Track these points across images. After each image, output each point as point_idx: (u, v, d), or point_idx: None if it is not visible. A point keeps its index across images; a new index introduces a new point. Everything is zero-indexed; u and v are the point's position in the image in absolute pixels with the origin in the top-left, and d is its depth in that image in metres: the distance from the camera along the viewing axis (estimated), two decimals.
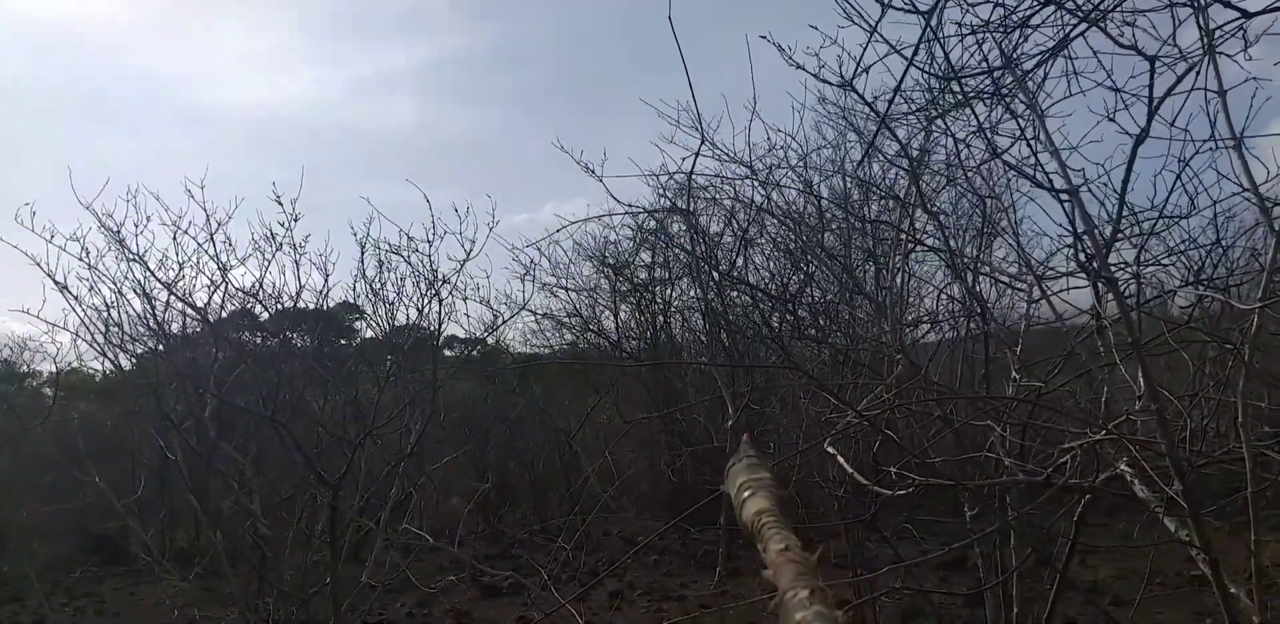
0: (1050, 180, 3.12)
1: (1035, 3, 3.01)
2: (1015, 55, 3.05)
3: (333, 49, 43.26)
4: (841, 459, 3.56)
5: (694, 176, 7.13)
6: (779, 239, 8.21)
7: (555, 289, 12.28)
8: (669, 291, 12.07)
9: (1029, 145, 3.13)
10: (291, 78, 43.85)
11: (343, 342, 13.58)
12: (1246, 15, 2.49)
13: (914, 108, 4.35)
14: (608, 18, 40.91)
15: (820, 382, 3.69)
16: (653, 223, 10.34)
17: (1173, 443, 2.52)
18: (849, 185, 7.83)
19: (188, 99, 37.83)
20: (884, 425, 3.24)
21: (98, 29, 40.13)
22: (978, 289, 5.34)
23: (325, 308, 7.24)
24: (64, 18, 37.11)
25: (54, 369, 8.80)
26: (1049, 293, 4.13)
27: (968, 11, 2.91)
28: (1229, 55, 3.43)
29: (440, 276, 6.42)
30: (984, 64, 3.48)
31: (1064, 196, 3.54)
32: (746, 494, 1.65)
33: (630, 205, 7.72)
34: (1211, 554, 2.47)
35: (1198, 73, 2.98)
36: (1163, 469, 3.09)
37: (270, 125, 41.00)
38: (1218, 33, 3.36)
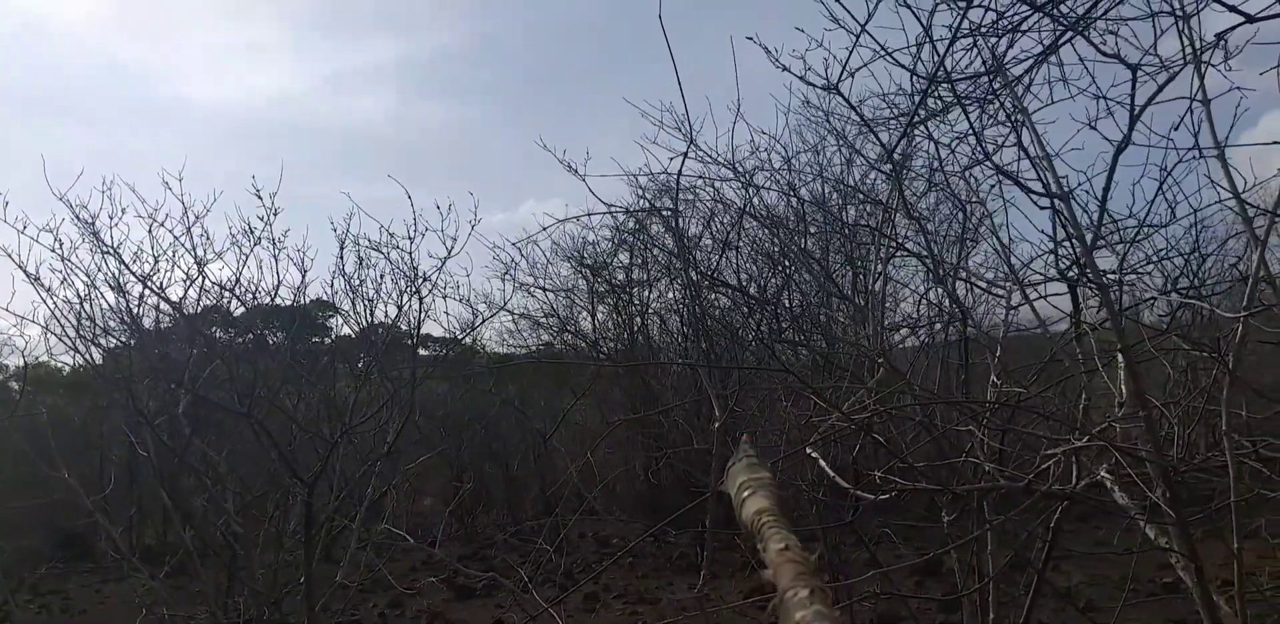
0: (1044, 186, 3.12)
1: (1024, 8, 3.02)
2: (1004, 61, 3.06)
3: (308, 44, 42.97)
4: (823, 463, 3.55)
5: (677, 177, 7.14)
6: (759, 241, 8.22)
7: (533, 289, 12.24)
8: (647, 293, 12.07)
9: (1024, 151, 3.14)
10: (266, 73, 43.49)
11: (315, 339, 13.47)
12: (1251, 19, 2.49)
13: (900, 112, 4.37)
14: (585, 17, 40.87)
15: (808, 384, 3.68)
16: (632, 223, 10.34)
17: (1159, 450, 2.53)
18: (828, 189, 7.85)
19: (160, 94, 37.49)
20: (861, 425, 3.23)
21: (70, 22, 39.63)
22: (957, 294, 5.37)
23: (300, 304, 7.16)
24: (35, 11, 36.62)
25: (21, 362, 8.67)
26: (1030, 299, 4.15)
27: (959, 15, 2.92)
28: (1213, 65, 3.47)
29: (421, 274, 6.36)
30: (971, 69, 3.49)
31: (1049, 202, 3.56)
32: (746, 494, 1.64)
33: (611, 206, 7.71)
34: (1196, 562, 2.48)
35: (1194, 81, 2.99)
36: (1143, 476, 3.11)
37: (244, 121, 40.68)
38: (1201, 42, 3.39)
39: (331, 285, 6.99)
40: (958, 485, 4.11)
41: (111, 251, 5.95)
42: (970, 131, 3.23)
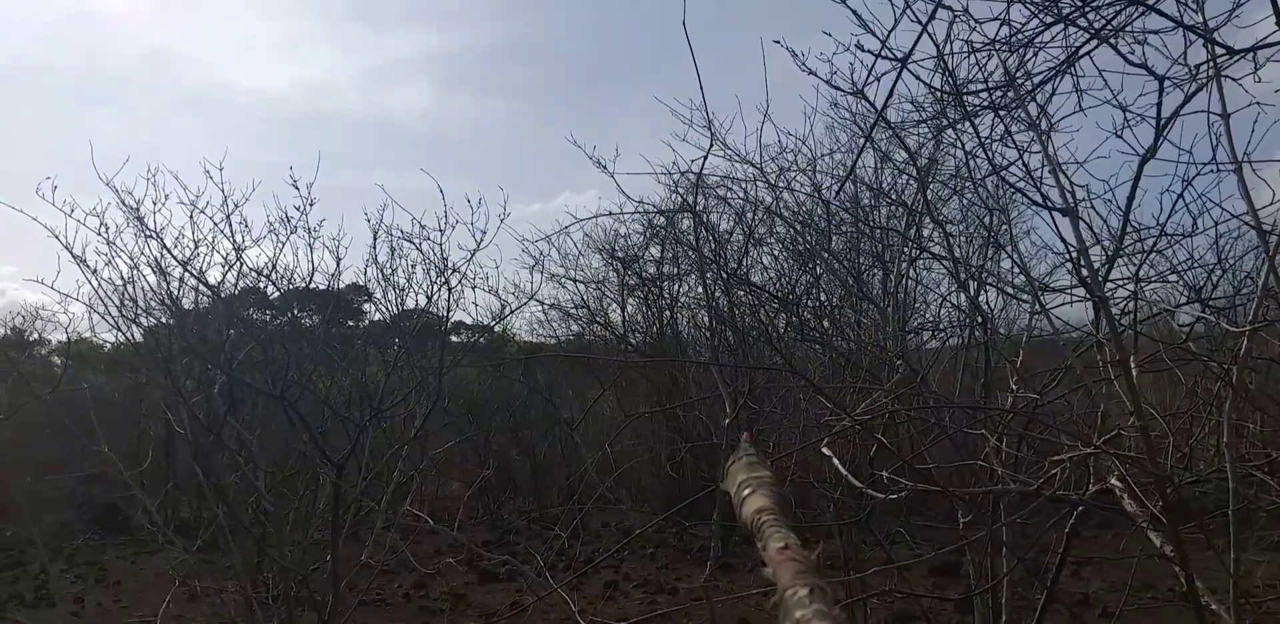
0: (1050, 198, 3.17)
1: (1045, 20, 3.07)
2: (1022, 72, 3.10)
3: (344, 35, 43.20)
4: (837, 461, 3.63)
5: (705, 175, 7.21)
6: (786, 241, 8.26)
7: (563, 280, 12.35)
8: (676, 287, 12.14)
9: (1040, 160, 3.19)
10: (302, 64, 43.83)
11: (349, 323, 13.68)
12: (1231, 52, 2.54)
13: (925, 117, 4.41)
14: (620, 13, 40.80)
15: (818, 386, 3.75)
16: (662, 219, 10.41)
17: (1155, 459, 2.58)
18: (858, 189, 7.87)
19: (198, 83, 37.97)
20: (880, 430, 3.30)
21: (114, 12, 40.17)
22: (981, 299, 5.40)
23: (335, 289, 7.32)
24: (82, 1, 37.17)
25: (65, 338, 8.92)
26: (1048, 306, 4.19)
27: (975, 29, 2.97)
28: (1235, 79, 3.49)
29: (451, 265, 6.48)
30: (990, 79, 3.54)
31: (1054, 214, 3.60)
32: (746, 492, 1.70)
33: (640, 201, 7.80)
34: (1188, 570, 2.53)
35: (1210, 93, 3.02)
36: (1150, 484, 3.15)
37: (279, 111, 41.04)
38: (1223, 57, 3.42)
39: (365, 273, 7.15)
40: (969, 488, 4.17)
41: (154, 235, 6.14)
42: (982, 143, 3.28)
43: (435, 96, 44.79)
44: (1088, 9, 3.18)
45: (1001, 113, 3.16)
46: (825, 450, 3.74)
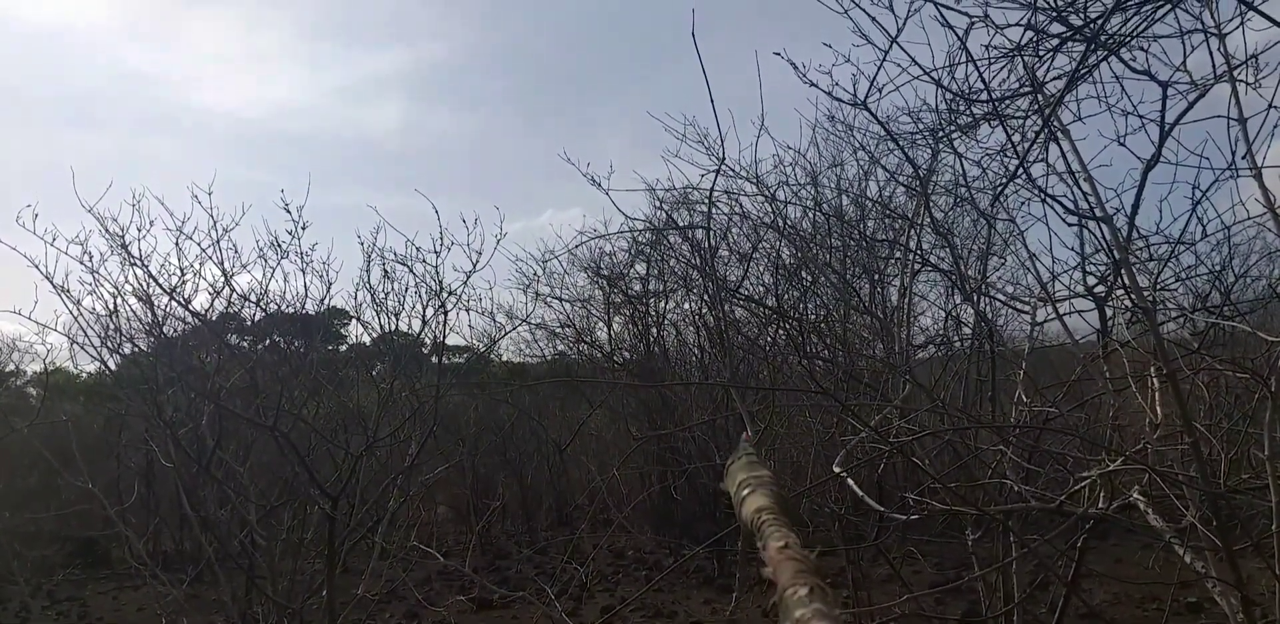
0: (1083, 205, 3.11)
1: (1064, 31, 3.01)
2: (1042, 80, 3.05)
3: (316, 53, 43.13)
4: (852, 482, 3.53)
5: (696, 190, 7.13)
6: (777, 254, 8.18)
7: (549, 299, 12.22)
8: (663, 304, 12.03)
9: (1068, 168, 3.12)
10: (274, 82, 43.68)
11: (330, 347, 13.48)
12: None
13: (929, 127, 4.36)
14: (599, 23, 40.96)
15: (846, 405, 3.65)
16: (650, 235, 10.32)
17: (1207, 475, 2.50)
18: (847, 203, 7.82)
19: (167, 102, 37.79)
20: (900, 448, 3.21)
21: (77, 31, 39.93)
22: (983, 310, 5.34)
23: (319, 313, 7.16)
24: (43, 19, 36.89)
25: (42, 369, 8.73)
26: (1060, 314, 4.12)
27: (996, 33, 2.92)
28: (1248, 83, 3.45)
29: (445, 287, 6.34)
30: (1004, 86, 3.48)
31: (1081, 221, 3.55)
32: (746, 492, 1.65)
33: (633, 219, 7.70)
34: (1242, 589, 2.44)
35: (1230, 99, 2.97)
36: (1177, 497, 3.08)
37: (256, 130, 40.85)
38: (1233, 60, 3.38)
39: (355, 297, 6.99)
40: (985, 504, 4.08)
41: (139, 263, 5.97)
42: (1008, 147, 3.21)
43: (412, 113, 44.74)
44: (1097, 19, 3.13)
45: (1024, 119, 3.09)
46: (840, 472, 3.63)
